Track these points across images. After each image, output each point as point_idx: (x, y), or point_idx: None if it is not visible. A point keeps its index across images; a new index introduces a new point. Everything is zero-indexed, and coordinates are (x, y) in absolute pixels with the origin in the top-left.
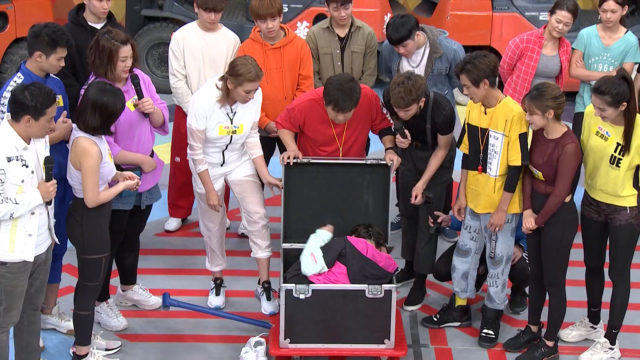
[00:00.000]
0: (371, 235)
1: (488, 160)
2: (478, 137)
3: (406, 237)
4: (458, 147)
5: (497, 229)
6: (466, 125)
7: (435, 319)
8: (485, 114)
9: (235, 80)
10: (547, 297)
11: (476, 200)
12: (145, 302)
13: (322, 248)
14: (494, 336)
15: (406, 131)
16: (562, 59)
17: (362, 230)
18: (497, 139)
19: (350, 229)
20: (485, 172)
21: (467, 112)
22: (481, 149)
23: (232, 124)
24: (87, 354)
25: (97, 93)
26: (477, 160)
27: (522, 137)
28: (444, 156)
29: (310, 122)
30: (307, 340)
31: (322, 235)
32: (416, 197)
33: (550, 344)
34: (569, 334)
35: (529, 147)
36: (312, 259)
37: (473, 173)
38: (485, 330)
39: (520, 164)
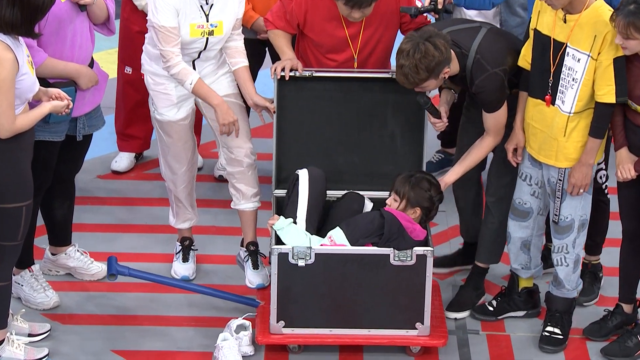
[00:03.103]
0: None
1: (560, 88)
2: (549, 52)
3: (462, 208)
4: (517, 62)
5: (580, 190)
6: (532, 32)
7: (490, 308)
8: (565, 22)
9: None
10: None
11: (537, 143)
12: (84, 270)
13: (342, 226)
14: (561, 336)
15: (440, 108)
16: None
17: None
18: (578, 60)
19: (369, 171)
20: (555, 104)
21: (535, 12)
22: (552, 70)
23: (207, 21)
24: (3, 340)
25: None
26: (544, 85)
27: (619, 62)
28: (492, 147)
29: (313, 20)
30: (308, 324)
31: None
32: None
33: None
34: None
35: None
36: (330, 244)
37: (536, 102)
38: (549, 329)
39: (614, 102)
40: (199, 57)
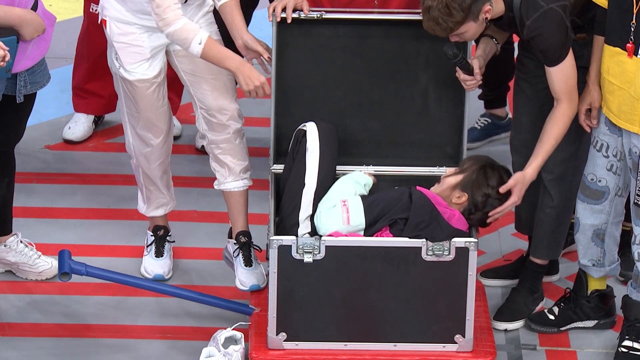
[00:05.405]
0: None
1: None
2: None
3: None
4: None
5: None
6: None
7: (551, 317)
8: None
9: None
10: None
11: (616, 103)
12: (29, 266)
13: (362, 198)
14: None
15: (473, 62)
16: None
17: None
18: None
19: (394, 140)
20: (638, 55)
21: None
22: (635, 10)
23: None
24: None
25: None
26: (624, 30)
27: None
28: (570, 116)
29: None
30: (316, 336)
31: (360, 179)
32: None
33: None
34: None
35: None
36: (342, 210)
37: (614, 51)
38: (627, 343)
39: None
40: (185, 1)
